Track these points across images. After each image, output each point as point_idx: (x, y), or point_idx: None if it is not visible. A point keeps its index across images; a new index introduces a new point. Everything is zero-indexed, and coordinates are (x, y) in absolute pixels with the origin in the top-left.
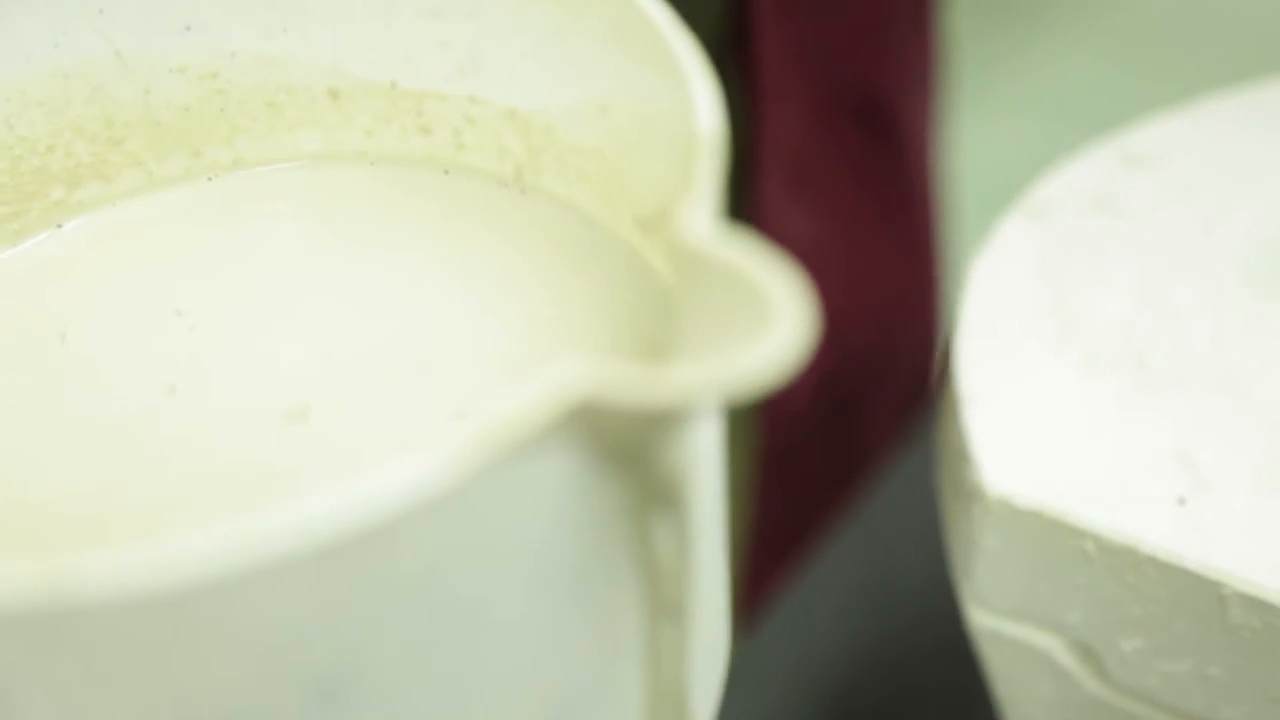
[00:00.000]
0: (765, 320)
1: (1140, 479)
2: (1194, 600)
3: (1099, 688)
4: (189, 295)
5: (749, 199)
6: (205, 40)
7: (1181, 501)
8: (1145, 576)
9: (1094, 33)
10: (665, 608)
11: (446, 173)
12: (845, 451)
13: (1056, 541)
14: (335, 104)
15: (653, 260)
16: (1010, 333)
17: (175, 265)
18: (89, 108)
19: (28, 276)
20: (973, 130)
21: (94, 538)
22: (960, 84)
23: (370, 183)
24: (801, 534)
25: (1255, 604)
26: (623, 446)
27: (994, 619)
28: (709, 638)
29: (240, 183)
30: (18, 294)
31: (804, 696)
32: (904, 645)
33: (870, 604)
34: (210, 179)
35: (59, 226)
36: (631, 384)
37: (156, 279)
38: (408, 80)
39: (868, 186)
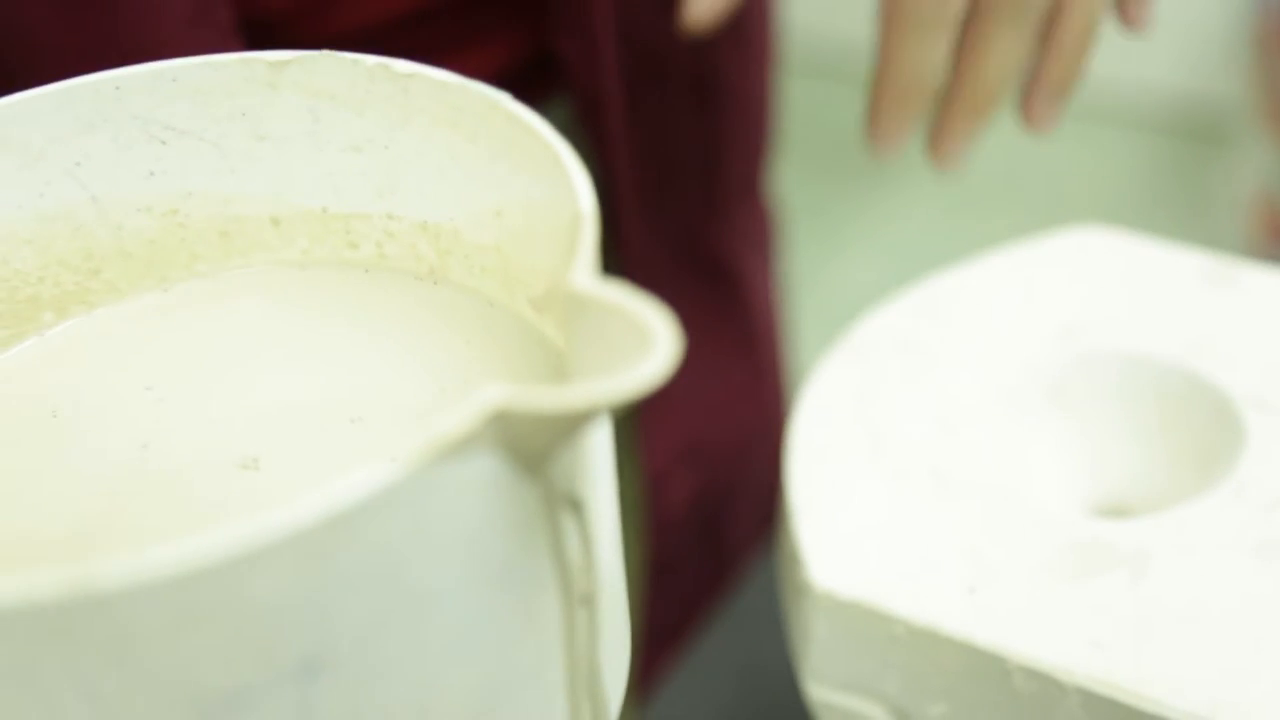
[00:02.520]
0: (645, 343)
1: (939, 573)
2: (984, 672)
3: None
4: (156, 374)
5: None
6: (166, 184)
7: (972, 591)
8: (945, 653)
9: (927, 194)
10: (578, 597)
11: (367, 271)
12: (716, 558)
13: (872, 627)
14: (277, 229)
15: (546, 332)
16: (831, 454)
17: (142, 353)
18: (71, 244)
19: (20, 373)
20: (820, 280)
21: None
22: (806, 242)
23: (304, 281)
24: (683, 628)
25: (1034, 674)
26: (534, 451)
27: (827, 692)
28: (615, 625)
29: (192, 289)
30: (12, 386)
31: None
32: (770, 717)
33: (740, 682)
34: (165, 290)
35: (41, 335)
36: (539, 396)
37: (128, 365)
38: (336, 205)
39: (717, 334)
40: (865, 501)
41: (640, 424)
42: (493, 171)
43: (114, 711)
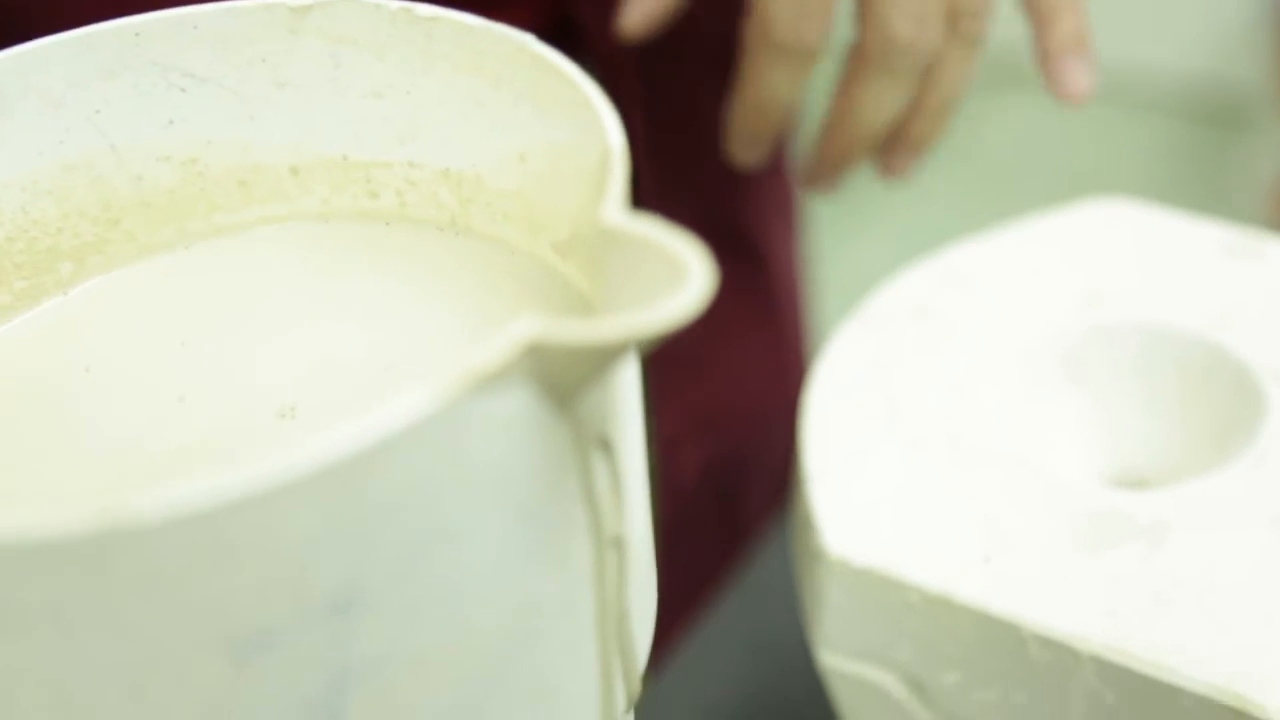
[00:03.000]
0: (678, 277)
1: (954, 540)
2: (999, 640)
3: (926, 714)
4: (187, 329)
5: None
6: (186, 132)
7: (987, 559)
8: (959, 622)
9: (947, 176)
10: (608, 539)
11: (387, 224)
12: (729, 528)
13: (886, 594)
14: (296, 178)
15: (570, 277)
16: (846, 421)
17: (171, 309)
18: (90, 193)
19: (49, 330)
20: (843, 258)
21: None
22: (831, 218)
23: (327, 235)
24: (695, 597)
25: (1048, 643)
26: (566, 386)
27: (839, 659)
28: (643, 573)
29: (216, 245)
30: (43, 343)
31: None
32: (782, 687)
33: (753, 653)
34: (188, 247)
35: (66, 293)
36: (572, 329)
37: (158, 320)
38: (356, 152)
39: (737, 301)
40: (880, 469)
41: (652, 391)
42: (517, 115)
43: (146, 648)
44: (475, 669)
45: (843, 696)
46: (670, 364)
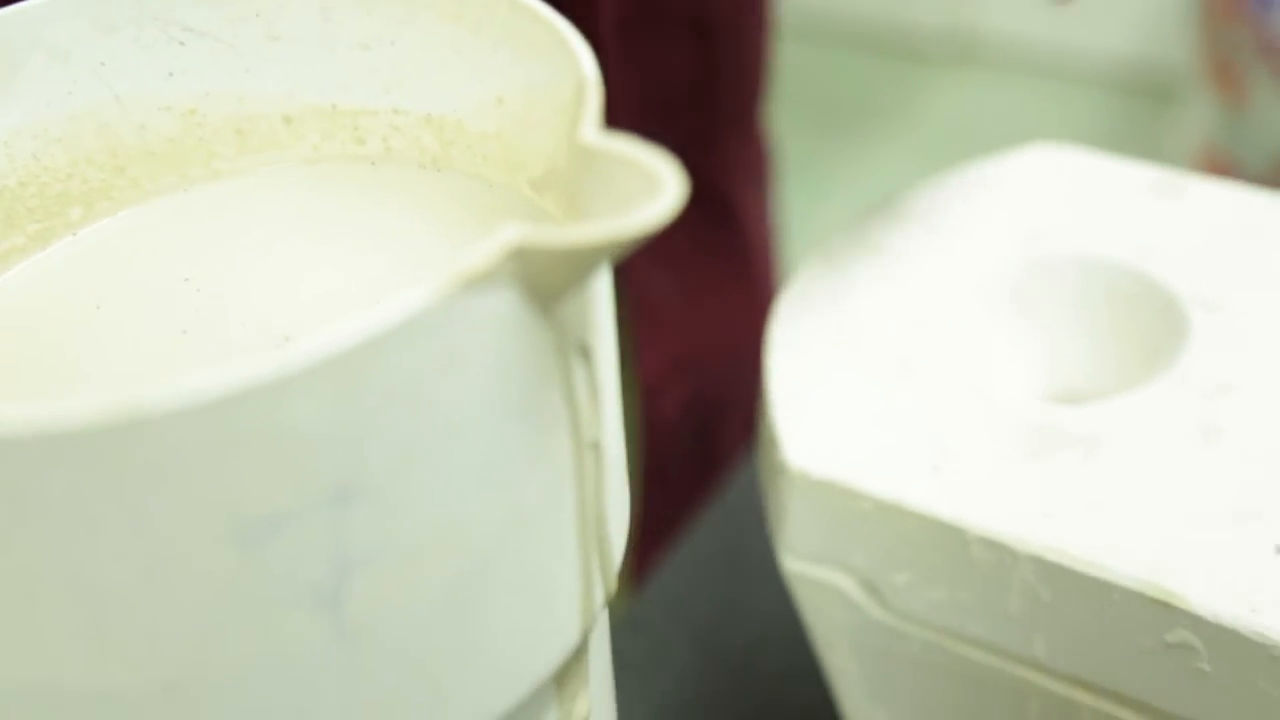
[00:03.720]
0: (653, 188)
1: (904, 454)
2: (945, 543)
3: (881, 613)
4: (190, 267)
5: (620, 272)
6: (185, 83)
7: (935, 469)
8: (909, 527)
9: (902, 148)
10: (586, 442)
11: (373, 164)
12: (706, 457)
13: (843, 503)
14: (289, 127)
15: (547, 209)
16: (807, 349)
17: (175, 248)
18: (97, 142)
19: (60, 270)
20: (809, 218)
21: None
22: (799, 182)
23: (317, 176)
24: (676, 518)
25: (990, 544)
26: (549, 289)
27: (800, 564)
28: (617, 477)
29: (213, 189)
30: (55, 283)
31: (681, 640)
32: (752, 593)
33: (727, 565)
34: (187, 191)
35: (75, 234)
36: (555, 233)
37: (163, 259)
38: (345, 101)
39: (713, 258)
40: (838, 390)
41: (636, 336)
42: (495, 60)
43: (159, 538)
44: (468, 560)
45: (805, 598)
46: (652, 318)
